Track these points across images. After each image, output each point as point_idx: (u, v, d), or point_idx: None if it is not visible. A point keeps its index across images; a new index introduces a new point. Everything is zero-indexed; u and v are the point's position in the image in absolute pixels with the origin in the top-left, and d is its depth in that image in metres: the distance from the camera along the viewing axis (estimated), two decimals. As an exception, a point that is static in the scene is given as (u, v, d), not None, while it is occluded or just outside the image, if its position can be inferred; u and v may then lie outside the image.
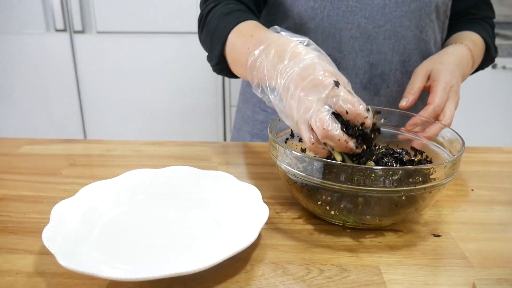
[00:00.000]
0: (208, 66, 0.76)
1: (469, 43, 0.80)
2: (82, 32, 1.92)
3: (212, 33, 0.71)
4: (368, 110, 0.49)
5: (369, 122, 0.50)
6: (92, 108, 2.07)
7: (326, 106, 0.49)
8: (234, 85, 1.98)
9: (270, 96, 0.55)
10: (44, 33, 1.93)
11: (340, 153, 0.51)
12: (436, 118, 0.68)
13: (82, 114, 2.09)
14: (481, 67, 0.91)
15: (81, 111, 2.08)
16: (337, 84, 0.49)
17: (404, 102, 0.71)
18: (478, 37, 0.85)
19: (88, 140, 0.87)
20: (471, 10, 0.91)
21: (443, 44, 0.88)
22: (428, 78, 0.73)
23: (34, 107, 2.08)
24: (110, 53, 1.97)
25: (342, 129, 0.48)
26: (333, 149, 0.50)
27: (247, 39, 0.62)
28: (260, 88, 0.57)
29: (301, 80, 0.50)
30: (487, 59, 0.89)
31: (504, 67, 1.90)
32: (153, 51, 1.96)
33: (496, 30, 0.96)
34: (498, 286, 0.40)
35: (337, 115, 0.49)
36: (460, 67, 0.74)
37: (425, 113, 0.67)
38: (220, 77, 1.98)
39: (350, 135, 0.49)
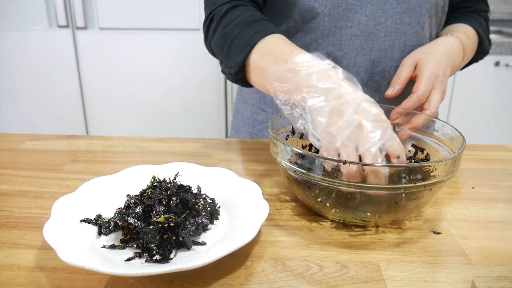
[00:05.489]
0: (210, 64, 0.75)
1: (460, 35, 0.80)
2: (84, 28, 1.93)
3: (233, 39, 0.67)
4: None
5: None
6: (95, 104, 2.08)
7: (381, 146, 0.51)
8: (236, 82, 1.98)
9: (306, 114, 0.54)
10: (47, 29, 1.94)
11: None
12: (421, 107, 0.68)
13: (84, 110, 2.09)
14: (474, 59, 0.90)
15: (83, 107, 2.09)
16: (394, 128, 0.52)
17: (390, 91, 0.71)
18: (470, 29, 0.84)
19: (90, 136, 0.87)
20: (464, 3, 0.90)
21: (436, 37, 0.88)
22: (416, 68, 0.73)
23: (36, 103, 2.08)
24: (113, 50, 1.97)
25: None
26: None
27: (285, 52, 0.60)
28: (288, 102, 0.56)
29: (364, 110, 0.52)
30: (480, 52, 0.88)
31: (507, 65, 1.89)
32: (155, 48, 1.96)
33: (500, 28, 0.96)
34: (497, 283, 0.40)
35: None
36: (449, 58, 0.74)
37: (409, 101, 0.67)
38: (222, 74, 1.98)
39: None
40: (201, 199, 0.54)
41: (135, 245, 0.48)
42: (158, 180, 0.56)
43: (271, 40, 0.63)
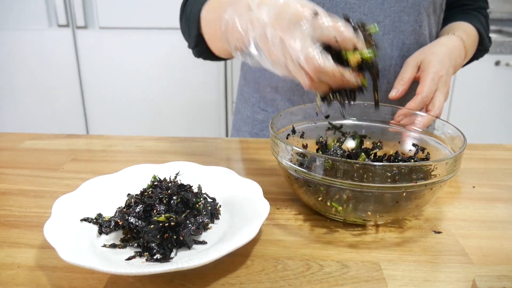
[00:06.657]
0: (210, 63, 0.76)
1: (461, 33, 0.80)
2: (84, 27, 1.93)
3: (188, 17, 0.70)
4: (355, 30, 0.47)
5: (361, 44, 0.47)
6: (95, 104, 2.08)
7: (311, 40, 0.46)
8: (236, 81, 1.98)
9: (252, 52, 0.51)
10: (47, 28, 1.93)
11: (337, 93, 0.50)
12: (425, 108, 0.68)
13: (85, 109, 2.09)
14: (475, 57, 0.90)
15: (83, 106, 2.08)
16: (316, 13, 0.46)
17: (394, 93, 0.71)
18: (471, 27, 0.84)
19: (90, 136, 0.87)
20: (464, 1, 0.91)
21: (437, 35, 0.88)
22: (419, 68, 0.73)
23: (37, 102, 2.08)
24: (113, 49, 1.97)
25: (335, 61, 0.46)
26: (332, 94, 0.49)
27: (219, 9, 0.59)
28: (240, 50, 0.53)
29: (278, 20, 0.46)
30: (481, 49, 0.88)
31: (507, 64, 1.89)
32: (155, 47, 1.96)
33: (500, 27, 0.96)
34: (498, 283, 0.40)
35: (327, 47, 0.47)
36: (452, 57, 0.74)
37: (414, 103, 0.67)
38: (222, 73, 1.98)
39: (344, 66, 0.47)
40: (201, 199, 0.54)
41: (135, 244, 0.48)
42: (158, 179, 0.56)
43: (208, 5, 0.65)
